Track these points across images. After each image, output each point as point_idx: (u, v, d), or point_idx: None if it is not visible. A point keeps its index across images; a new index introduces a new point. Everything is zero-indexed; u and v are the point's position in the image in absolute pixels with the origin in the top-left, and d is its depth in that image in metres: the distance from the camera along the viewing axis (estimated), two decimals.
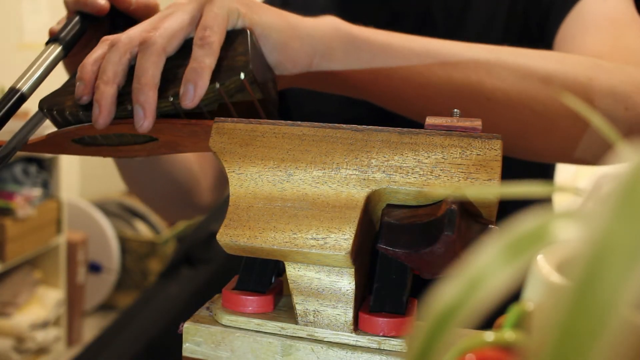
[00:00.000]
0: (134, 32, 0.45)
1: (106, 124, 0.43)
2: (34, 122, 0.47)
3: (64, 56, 0.50)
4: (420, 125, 0.38)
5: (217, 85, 0.43)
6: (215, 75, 0.44)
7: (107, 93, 0.43)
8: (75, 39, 0.50)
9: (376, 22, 0.73)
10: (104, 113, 0.43)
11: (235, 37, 0.46)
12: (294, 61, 0.49)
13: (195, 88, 0.42)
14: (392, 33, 0.53)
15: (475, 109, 0.52)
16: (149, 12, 0.56)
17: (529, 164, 0.72)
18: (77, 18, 0.50)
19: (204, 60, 0.43)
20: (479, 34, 0.69)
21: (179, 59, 0.45)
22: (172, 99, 0.43)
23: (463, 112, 0.52)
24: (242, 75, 0.43)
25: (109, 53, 0.44)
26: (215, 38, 0.44)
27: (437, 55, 0.52)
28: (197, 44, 0.44)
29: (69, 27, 0.50)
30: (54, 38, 0.49)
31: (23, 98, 0.46)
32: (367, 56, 0.51)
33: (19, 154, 0.50)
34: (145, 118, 0.42)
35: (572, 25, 0.63)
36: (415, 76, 0.51)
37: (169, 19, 0.45)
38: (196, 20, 0.46)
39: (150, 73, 0.43)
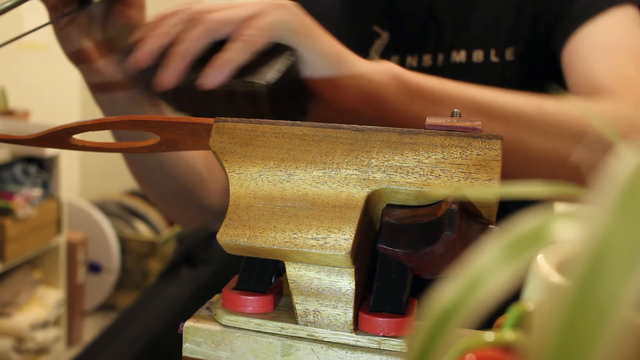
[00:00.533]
0: (201, 8, 0.48)
1: (141, 65, 0.47)
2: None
3: None
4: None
5: (235, 81, 0.45)
6: (243, 73, 0.45)
7: (151, 42, 0.47)
8: None
9: (381, 22, 0.73)
10: (144, 54, 0.47)
11: (277, 51, 0.47)
12: (341, 97, 0.49)
13: (214, 75, 0.45)
14: (445, 82, 0.53)
15: (514, 165, 0.52)
16: None
17: None
18: None
19: (234, 54, 0.45)
20: (484, 35, 0.69)
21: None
22: (194, 75, 0.46)
23: (503, 166, 0.53)
24: (260, 85, 0.44)
25: (172, 15, 0.48)
26: (256, 39, 0.46)
27: (484, 108, 0.52)
28: (234, 37, 0.46)
29: None
30: None
31: None
32: (418, 106, 0.51)
33: (19, 153, 0.50)
34: (169, 77, 0.46)
35: (580, 47, 0.63)
36: None
37: (230, 9, 0.47)
38: None
39: (194, 44, 0.46)
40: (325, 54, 0.48)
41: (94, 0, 0.54)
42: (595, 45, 0.62)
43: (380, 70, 0.51)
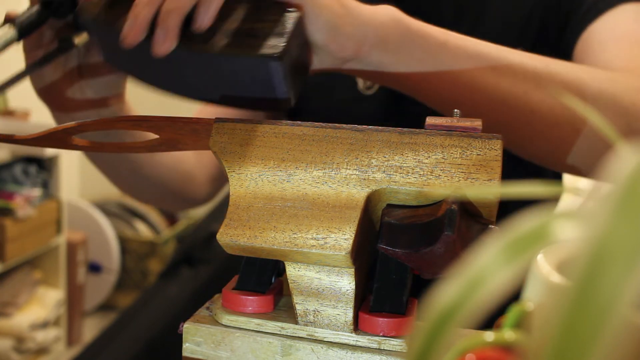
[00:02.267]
0: None
1: (132, 44, 0.43)
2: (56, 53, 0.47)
3: (16, 40, 0.49)
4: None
5: (236, 53, 0.42)
6: (241, 45, 0.43)
7: (144, 12, 0.43)
8: (32, 27, 0.49)
9: None
10: (135, 30, 0.43)
11: (281, 14, 0.44)
12: (342, 46, 0.47)
13: (206, 12, 0.42)
14: (448, 32, 0.52)
15: (520, 119, 0.52)
16: None
17: (530, 163, 0.72)
18: (37, 7, 0.49)
19: None
20: (494, 35, 0.69)
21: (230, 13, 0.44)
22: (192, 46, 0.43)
23: (508, 120, 0.52)
24: (271, 58, 0.41)
25: None
26: None
27: (490, 60, 0.51)
28: None
29: (28, 14, 0.49)
30: (8, 19, 0.48)
31: None
32: (420, 53, 0.50)
33: (19, 153, 0.49)
34: (166, 41, 0.42)
35: (591, 41, 0.62)
36: (466, 80, 0.51)
37: None
38: None
39: (183, 1, 0.42)
40: (327, 5, 0.46)
41: (76, 45, 0.50)
42: (605, 39, 0.61)
43: (383, 14, 0.49)
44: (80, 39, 0.50)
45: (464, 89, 0.51)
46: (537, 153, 0.55)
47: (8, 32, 0.48)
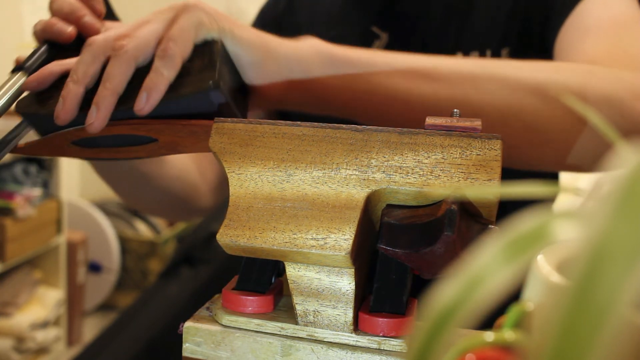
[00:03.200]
0: (110, 36, 0.46)
1: (66, 121, 0.44)
2: (20, 130, 0.47)
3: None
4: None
5: (178, 95, 0.43)
6: (180, 86, 0.44)
7: (73, 92, 0.44)
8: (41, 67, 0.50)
9: (380, 23, 0.73)
10: (65, 109, 0.44)
11: (204, 49, 0.46)
12: (268, 85, 0.49)
13: (148, 98, 0.43)
14: (375, 51, 0.52)
15: None
16: None
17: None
18: (44, 47, 0.51)
19: (162, 72, 0.44)
20: (480, 35, 0.69)
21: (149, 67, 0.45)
22: (129, 106, 0.44)
23: None
24: (209, 89, 0.43)
25: (83, 54, 0.45)
26: (176, 50, 0.44)
27: (422, 71, 0.51)
28: (158, 55, 0.44)
29: (36, 56, 0.50)
30: (19, 66, 0.49)
31: None
32: (348, 76, 0.50)
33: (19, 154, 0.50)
34: (96, 119, 0.43)
35: (571, 30, 0.62)
36: (399, 92, 0.51)
37: (143, 28, 0.46)
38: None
39: (116, 81, 0.44)
40: (249, 41, 0.48)
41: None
42: (584, 29, 0.61)
43: (305, 48, 0.50)
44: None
45: (398, 102, 0.51)
46: None
47: (19, 78, 0.49)
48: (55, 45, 0.50)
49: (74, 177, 2.63)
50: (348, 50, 0.51)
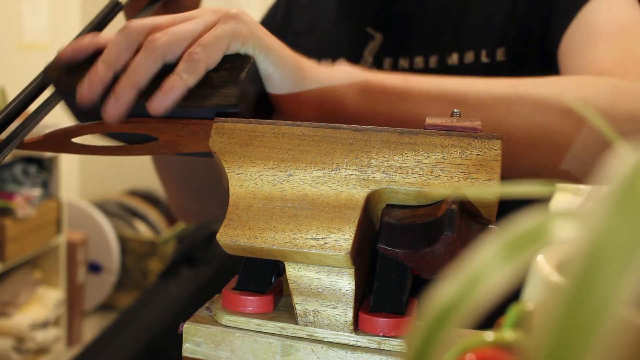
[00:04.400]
0: (147, 24, 0.45)
1: (88, 102, 0.43)
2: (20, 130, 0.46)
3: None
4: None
5: (196, 105, 0.43)
6: (201, 97, 0.43)
7: (101, 74, 0.43)
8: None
9: (374, 23, 0.73)
10: (90, 90, 0.43)
11: (234, 63, 0.45)
12: (298, 110, 0.47)
13: (163, 99, 0.42)
14: (408, 77, 0.51)
15: None
16: None
17: None
18: None
19: (182, 76, 0.43)
20: (475, 36, 0.69)
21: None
22: (143, 101, 0.43)
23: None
24: (228, 106, 0.42)
25: (118, 36, 0.44)
26: (203, 56, 0.43)
27: (455, 96, 0.50)
28: (184, 58, 0.43)
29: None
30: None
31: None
32: (384, 106, 0.49)
33: (19, 153, 0.50)
34: (116, 109, 0.43)
35: (578, 34, 0.61)
36: None
37: (181, 26, 0.44)
38: None
39: (140, 73, 0.43)
40: (282, 66, 0.46)
41: None
42: (592, 33, 0.60)
43: (339, 77, 0.49)
44: None
45: None
46: (522, 175, 0.53)
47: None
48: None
49: (74, 177, 2.63)
50: (382, 77, 0.50)
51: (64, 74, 0.46)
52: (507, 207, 0.37)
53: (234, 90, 0.43)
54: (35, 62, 0.46)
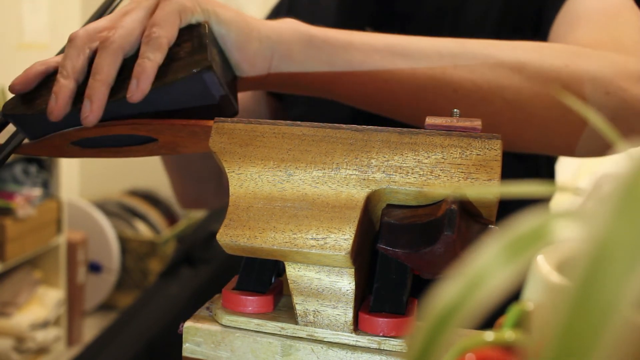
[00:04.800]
0: (91, 28, 0.46)
1: (59, 117, 0.44)
2: (16, 134, 0.47)
3: None
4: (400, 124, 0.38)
5: (172, 81, 0.43)
6: (172, 72, 0.44)
7: (65, 86, 0.44)
8: None
9: (373, 22, 0.73)
10: (59, 105, 0.44)
11: (192, 33, 0.46)
12: (252, 62, 0.49)
13: (138, 84, 0.43)
14: (353, 32, 0.53)
15: (443, 102, 0.51)
16: None
17: (528, 164, 0.72)
18: None
19: (148, 56, 0.44)
20: (472, 34, 0.69)
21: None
22: (122, 96, 0.44)
23: (431, 105, 0.51)
24: (202, 70, 0.43)
25: (67, 49, 0.45)
26: (162, 33, 0.44)
27: (400, 50, 0.51)
28: (143, 41, 0.44)
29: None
30: None
31: None
32: (327, 55, 0.51)
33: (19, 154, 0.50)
34: (91, 112, 0.43)
35: (563, 22, 0.62)
36: (378, 72, 0.51)
37: (127, 17, 0.46)
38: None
39: (105, 71, 0.44)
40: (233, 22, 0.48)
41: None
42: (575, 18, 0.60)
43: (285, 29, 0.51)
44: None
45: (377, 81, 0.52)
46: None
47: None
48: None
49: (74, 177, 2.63)
50: (326, 30, 0.52)
51: (20, 105, 0.46)
52: (507, 207, 0.37)
53: (203, 54, 0.44)
54: (35, 61, 0.47)
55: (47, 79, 0.46)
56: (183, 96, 0.44)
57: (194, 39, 0.46)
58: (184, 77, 0.44)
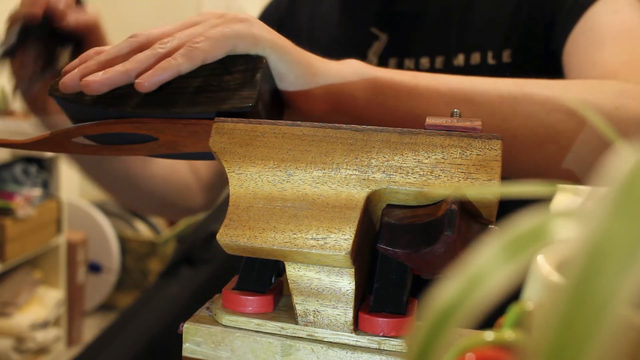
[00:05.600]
0: (152, 33, 0.45)
1: (94, 91, 0.43)
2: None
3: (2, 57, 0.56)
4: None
5: (215, 110, 0.43)
6: (218, 101, 0.43)
7: (120, 73, 0.43)
8: (15, 47, 0.56)
9: (379, 23, 0.73)
10: (102, 80, 0.42)
11: (247, 64, 0.45)
12: (311, 106, 0.48)
13: (150, 75, 0.42)
14: (417, 74, 0.51)
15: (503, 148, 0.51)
16: (90, 31, 0.60)
17: None
18: (17, 31, 0.56)
19: (176, 58, 0.43)
20: (481, 37, 0.69)
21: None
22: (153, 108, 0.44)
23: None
24: (245, 109, 0.43)
25: (122, 43, 0.45)
26: (202, 46, 0.43)
27: (463, 95, 0.50)
28: (185, 45, 0.43)
29: (9, 39, 0.55)
30: None
31: None
32: (391, 102, 0.50)
33: (19, 153, 0.50)
34: (96, 81, 0.42)
35: (583, 36, 0.61)
36: None
37: (189, 30, 0.45)
38: None
39: (137, 63, 0.43)
40: (294, 65, 0.46)
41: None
42: (598, 36, 0.60)
43: (350, 73, 0.49)
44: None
45: None
46: (524, 175, 0.54)
47: None
48: (28, 29, 0.55)
49: (74, 177, 2.63)
50: (392, 72, 0.51)
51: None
52: (507, 207, 0.37)
53: (251, 91, 0.43)
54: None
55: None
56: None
57: (248, 72, 0.44)
58: (225, 110, 0.43)
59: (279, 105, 0.49)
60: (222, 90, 0.44)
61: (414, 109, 0.50)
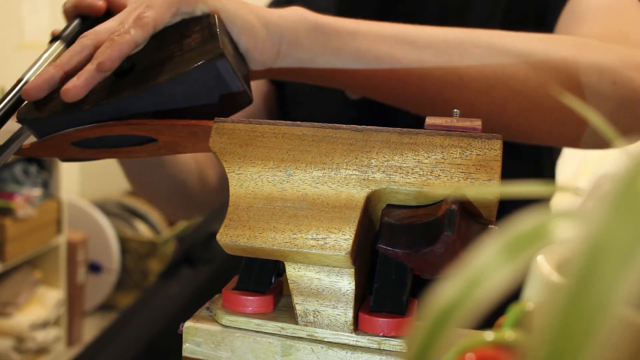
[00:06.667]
0: (104, 28, 0.47)
1: (30, 98, 0.44)
2: (17, 137, 0.47)
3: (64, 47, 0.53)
4: (415, 121, 0.38)
5: (185, 71, 0.43)
6: (185, 62, 0.44)
7: (47, 72, 0.45)
8: (76, 38, 0.52)
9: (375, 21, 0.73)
10: (35, 85, 0.44)
11: (201, 23, 0.46)
12: (262, 49, 0.49)
13: (109, 51, 0.43)
14: (360, 21, 0.53)
15: (449, 90, 0.52)
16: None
17: (528, 163, 0.72)
18: (77, 20, 0.54)
19: (129, 31, 0.44)
20: None
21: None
22: (127, 95, 0.44)
23: (438, 94, 0.52)
24: (214, 58, 0.43)
25: (74, 44, 0.46)
26: (150, 14, 0.45)
27: (407, 38, 0.51)
28: (133, 21, 0.45)
29: (71, 27, 0.53)
30: (56, 37, 0.52)
31: None
32: (333, 42, 0.51)
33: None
34: (74, 87, 0.43)
35: (568, 17, 0.62)
36: (385, 59, 0.51)
37: (134, 14, 0.46)
38: None
39: (105, 57, 0.44)
40: (239, 11, 0.48)
41: None
42: (584, 11, 0.61)
43: (292, 15, 0.51)
44: None
45: (386, 70, 0.52)
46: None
47: (57, 47, 0.52)
48: (86, 18, 0.53)
49: (74, 177, 2.63)
50: (333, 18, 0.52)
51: (32, 110, 0.46)
52: (507, 207, 0.37)
53: (214, 43, 0.44)
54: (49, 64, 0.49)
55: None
56: (197, 87, 0.44)
57: (204, 29, 0.46)
58: (197, 66, 0.43)
59: (243, 59, 0.50)
60: (187, 52, 0.45)
61: (356, 49, 0.51)
